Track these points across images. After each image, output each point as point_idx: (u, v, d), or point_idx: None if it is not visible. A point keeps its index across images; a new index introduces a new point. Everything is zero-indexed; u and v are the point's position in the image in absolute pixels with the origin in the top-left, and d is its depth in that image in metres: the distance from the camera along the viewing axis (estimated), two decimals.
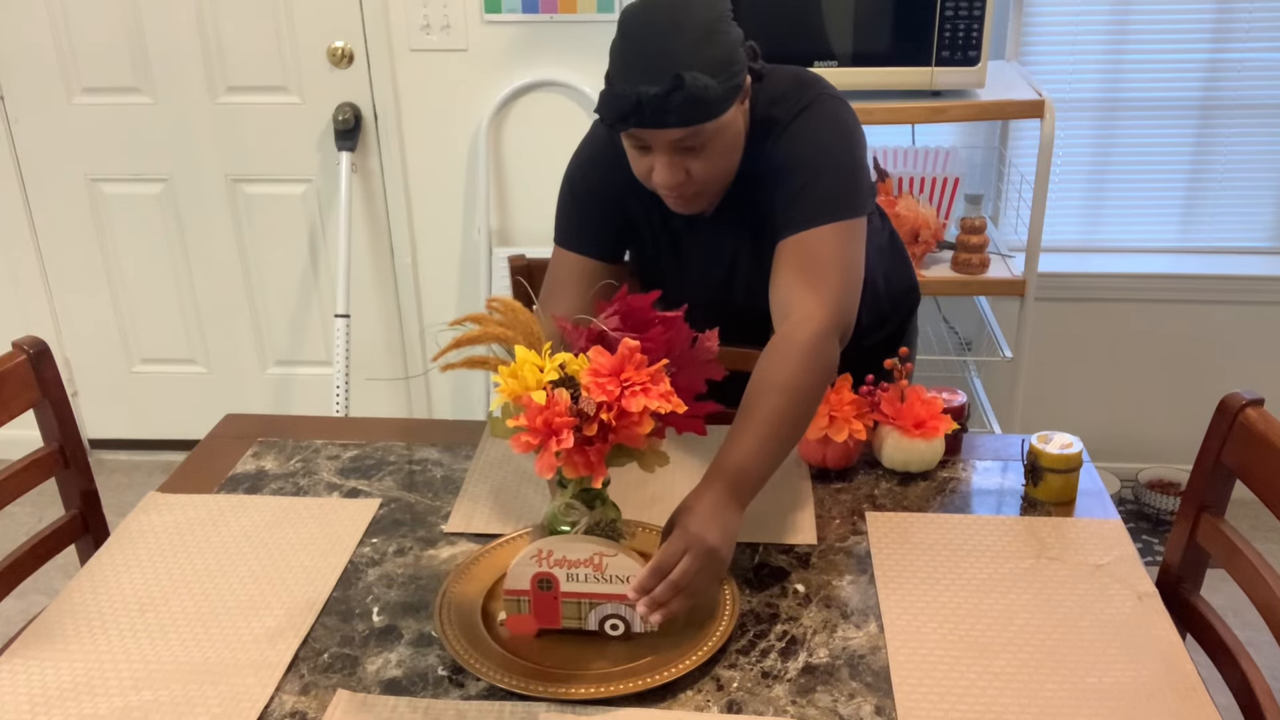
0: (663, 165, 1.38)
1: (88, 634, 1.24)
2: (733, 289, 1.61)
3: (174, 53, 2.83)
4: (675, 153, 1.37)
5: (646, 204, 1.56)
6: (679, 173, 1.39)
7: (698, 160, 1.38)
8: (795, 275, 1.40)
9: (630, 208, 1.57)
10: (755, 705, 1.13)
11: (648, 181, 1.43)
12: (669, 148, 1.36)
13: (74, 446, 1.60)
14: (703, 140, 1.36)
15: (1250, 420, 1.33)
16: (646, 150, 1.39)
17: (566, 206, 1.59)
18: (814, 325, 1.34)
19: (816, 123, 1.45)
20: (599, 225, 1.57)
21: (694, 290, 1.62)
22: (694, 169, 1.39)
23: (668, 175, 1.38)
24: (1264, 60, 2.66)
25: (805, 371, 1.31)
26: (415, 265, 3.01)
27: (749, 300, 1.59)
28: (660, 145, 1.36)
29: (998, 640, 1.21)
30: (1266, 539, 2.74)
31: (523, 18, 2.71)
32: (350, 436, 1.68)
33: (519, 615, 1.21)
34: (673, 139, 1.35)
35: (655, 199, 1.53)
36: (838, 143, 1.45)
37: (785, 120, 1.46)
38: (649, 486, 1.51)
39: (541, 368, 1.14)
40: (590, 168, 1.57)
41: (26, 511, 3.01)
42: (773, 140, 1.46)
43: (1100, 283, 2.83)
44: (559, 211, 1.60)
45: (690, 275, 1.62)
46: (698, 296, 1.61)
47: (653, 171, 1.40)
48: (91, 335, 3.19)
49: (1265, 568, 1.29)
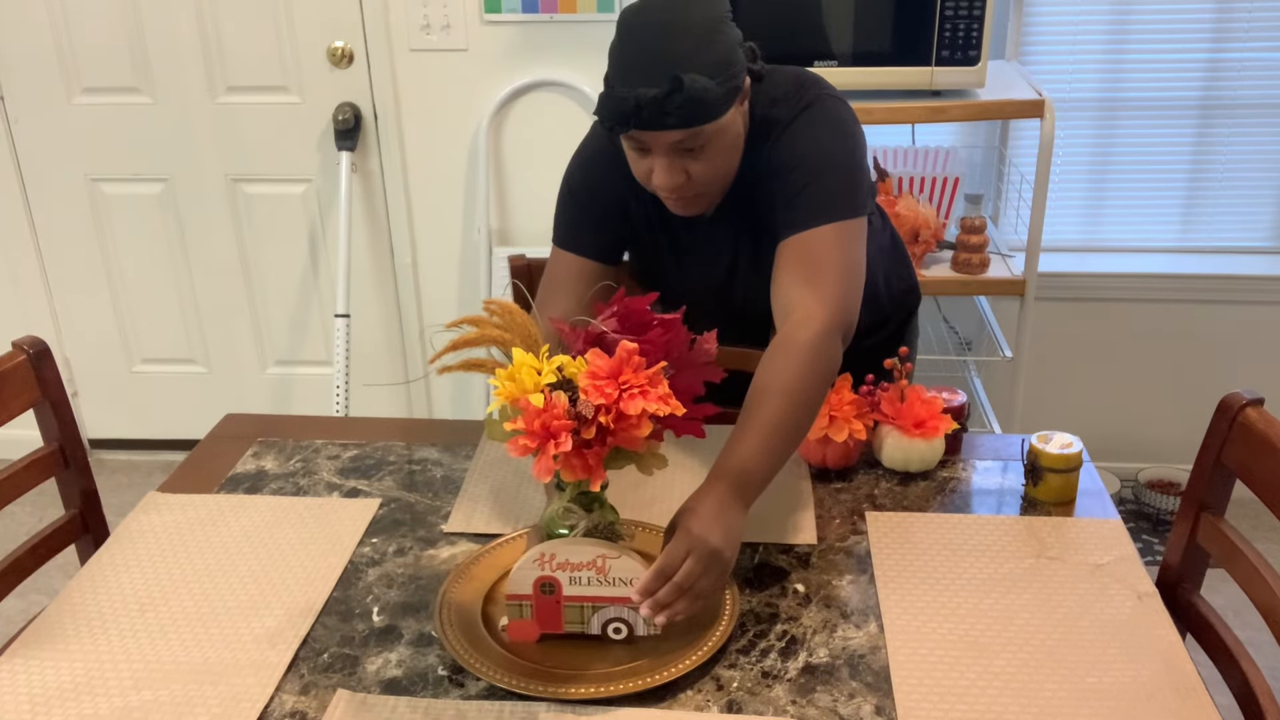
0: (662, 167, 1.38)
1: (88, 634, 1.24)
2: (733, 289, 1.61)
3: (174, 53, 2.83)
4: (674, 155, 1.37)
5: (646, 205, 1.56)
6: (678, 175, 1.39)
7: (697, 162, 1.38)
8: (796, 275, 1.40)
9: (630, 208, 1.57)
10: (755, 705, 1.13)
11: (647, 183, 1.43)
12: (668, 150, 1.36)
13: (74, 446, 1.60)
14: (702, 142, 1.36)
15: (1250, 420, 1.33)
16: (646, 152, 1.39)
17: (565, 207, 1.59)
18: (816, 325, 1.34)
19: (817, 123, 1.45)
20: (597, 226, 1.57)
21: (693, 291, 1.62)
22: (694, 170, 1.39)
23: (667, 177, 1.38)
24: (1264, 60, 2.66)
25: (808, 372, 1.31)
26: (415, 265, 3.01)
27: (749, 300, 1.59)
28: (659, 147, 1.36)
29: (998, 640, 1.21)
30: (1266, 539, 2.74)
31: (523, 18, 2.71)
32: (350, 436, 1.68)
33: (521, 621, 1.20)
34: (672, 141, 1.35)
35: (655, 200, 1.53)
36: (838, 143, 1.44)
37: (785, 120, 1.46)
38: (647, 488, 1.51)
39: (539, 370, 1.13)
40: (590, 168, 1.57)
41: (26, 511, 3.01)
42: (773, 140, 1.46)
43: (1100, 283, 2.83)
44: (558, 212, 1.60)
45: (690, 275, 1.62)
46: (697, 297, 1.61)
47: (652, 174, 1.40)
48: (91, 335, 3.19)
49: (1265, 568, 1.29)
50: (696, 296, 1.61)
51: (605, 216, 1.57)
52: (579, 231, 1.57)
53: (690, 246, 1.59)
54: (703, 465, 1.56)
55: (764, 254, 1.51)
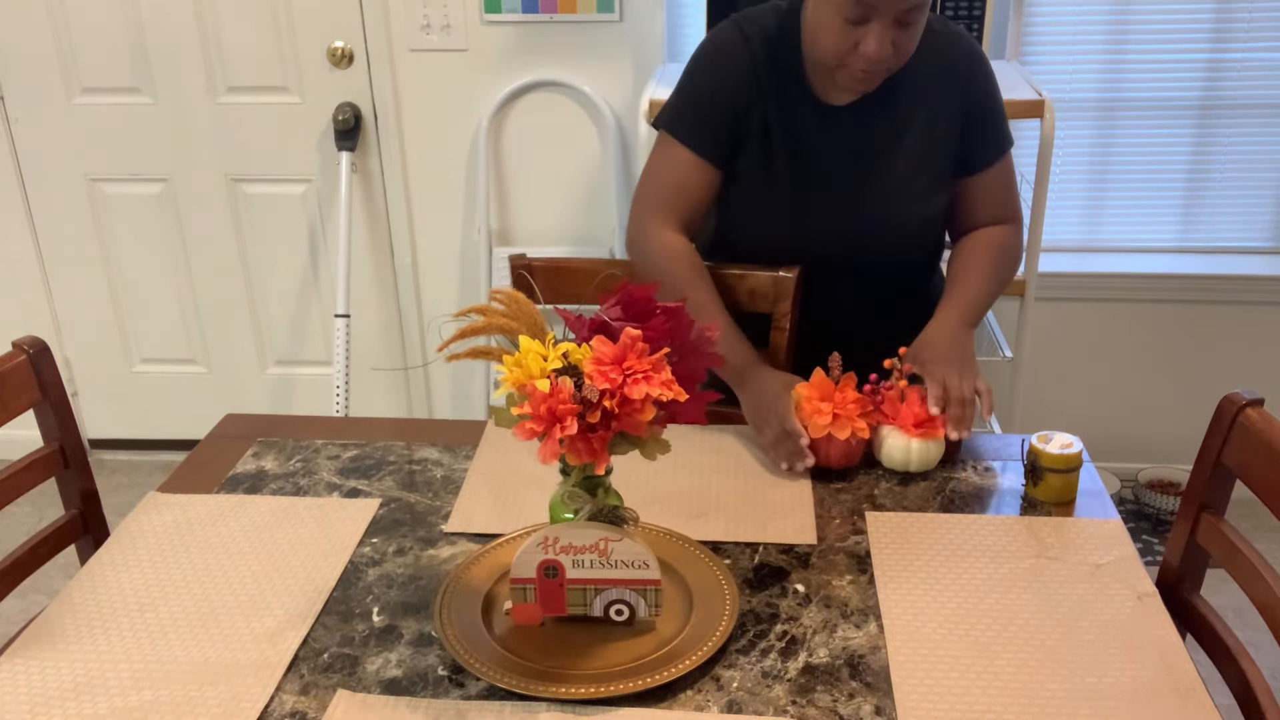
0: (880, 37, 1.45)
1: (88, 634, 1.24)
2: (858, 184, 1.67)
3: (174, 53, 2.83)
4: (893, 25, 1.45)
5: (769, 109, 1.62)
6: (889, 46, 1.47)
7: (904, 35, 1.47)
8: (999, 199, 1.70)
9: (752, 119, 1.63)
10: (755, 705, 1.13)
11: (843, 58, 1.50)
12: (893, 19, 1.44)
13: (74, 446, 1.60)
14: (920, 15, 1.46)
15: (1250, 420, 1.33)
16: (863, 23, 1.45)
17: (690, 98, 1.65)
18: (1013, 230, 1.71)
19: (983, 60, 1.66)
20: (714, 124, 1.64)
21: (803, 194, 1.67)
22: (899, 43, 1.48)
23: (882, 47, 1.46)
24: (1264, 60, 2.66)
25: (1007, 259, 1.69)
26: (415, 265, 3.01)
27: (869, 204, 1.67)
28: (889, 13, 1.43)
29: (998, 640, 1.21)
30: (1266, 539, 2.75)
31: (523, 18, 2.71)
32: (350, 436, 1.68)
33: (525, 604, 1.22)
34: (904, 9, 1.43)
35: (782, 101, 1.61)
36: (993, 74, 1.68)
37: (936, 29, 1.60)
38: (647, 489, 1.51)
39: (545, 356, 1.15)
40: (725, 68, 1.62)
41: (26, 511, 3.01)
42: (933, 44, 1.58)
43: (1100, 283, 2.83)
44: (678, 100, 1.66)
45: (812, 171, 1.66)
46: (809, 199, 1.68)
47: (857, 46, 1.47)
48: (91, 335, 3.20)
49: (1265, 568, 1.29)
50: (807, 199, 1.67)
51: (727, 111, 1.62)
52: (695, 125, 1.64)
53: (818, 139, 1.64)
54: (701, 458, 1.56)
55: (905, 148, 1.64)
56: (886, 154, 1.65)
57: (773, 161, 1.66)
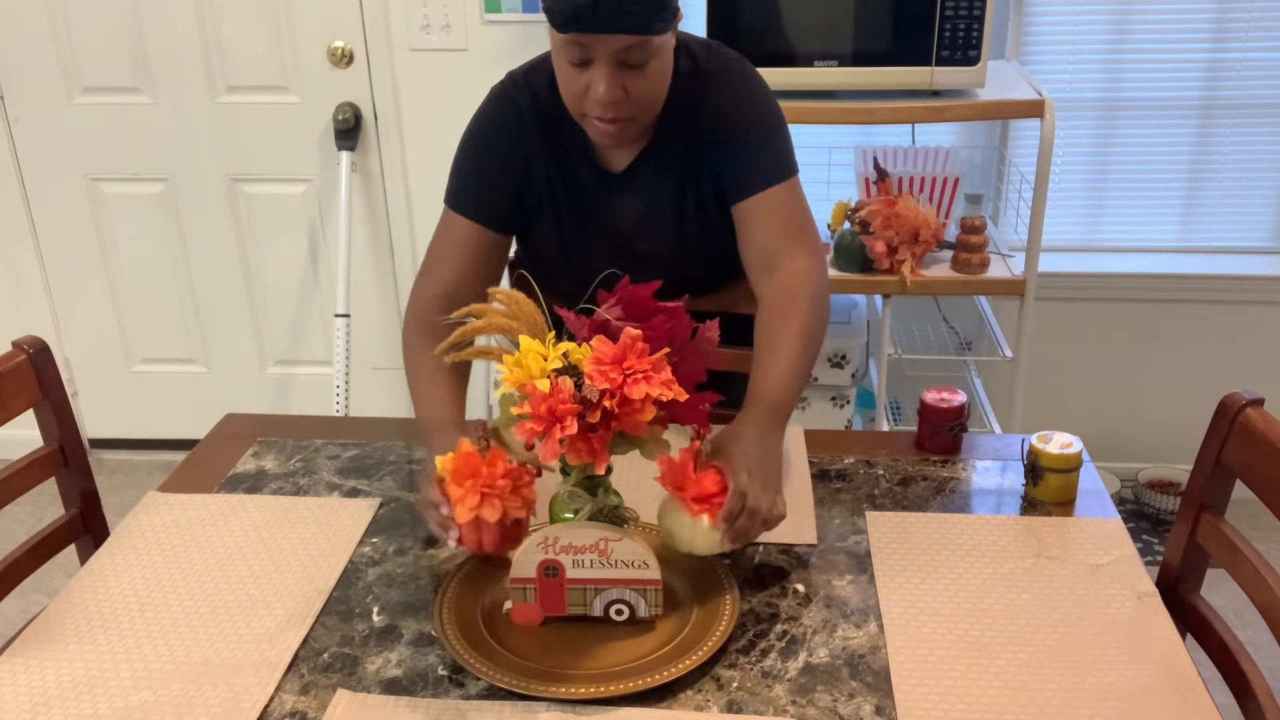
0: (607, 78, 1.38)
1: (88, 634, 1.24)
2: (635, 245, 1.61)
3: (174, 53, 2.83)
4: (617, 67, 1.38)
5: (548, 162, 1.57)
6: (617, 89, 1.40)
7: (635, 79, 1.40)
8: (776, 230, 1.52)
9: (532, 169, 1.57)
10: (755, 705, 1.13)
11: (579, 105, 1.43)
12: (612, 60, 1.37)
13: (74, 446, 1.60)
14: (645, 58, 1.38)
15: (1250, 420, 1.33)
16: (586, 66, 1.39)
17: (461, 166, 1.59)
18: (815, 277, 1.50)
19: (752, 80, 1.55)
20: (494, 188, 1.57)
21: (590, 253, 1.62)
22: (632, 88, 1.40)
23: (608, 90, 1.39)
24: (1264, 60, 2.66)
25: (817, 323, 1.47)
26: (415, 265, 3.01)
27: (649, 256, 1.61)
28: (604, 56, 1.37)
29: (998, 640, 1.21)
30: (1266, 539, 2.75)
31: (523, 18, 2.71)
32: (350, 436, 1.68)
33: (525, 604, 1.22)
34: (619, 48, 1.36)
35: (558, 155, 1.56)
36: (774, 103, 1.56)
37: (710, 70, 1.52)
38: (647, 489, 1.51)
39: (545, 356, 1.15)
40: (490, 128, 1.57)
41: (26, 511, 3.01)
42: (707, 88, 1.52)
43: (1100, 283, 2.83)
44: (452, 172, 1.60)
45: (591, 235, 1.61)
46: (595, 258, 1.62)
47: (588, 91, 1.40)
48: (91, 335, 3.20)
49: (1265, 568, 1.29)
50: (593, 257, 1.61)
51: (503, 176, 1.56)
52: (473, 193, 1.57)
53: (597, 202, 1.59)
54: None
55: (685, 205, 1.57)
56: (670, 212, 1.59)
57: (562, 225, 1.62)
